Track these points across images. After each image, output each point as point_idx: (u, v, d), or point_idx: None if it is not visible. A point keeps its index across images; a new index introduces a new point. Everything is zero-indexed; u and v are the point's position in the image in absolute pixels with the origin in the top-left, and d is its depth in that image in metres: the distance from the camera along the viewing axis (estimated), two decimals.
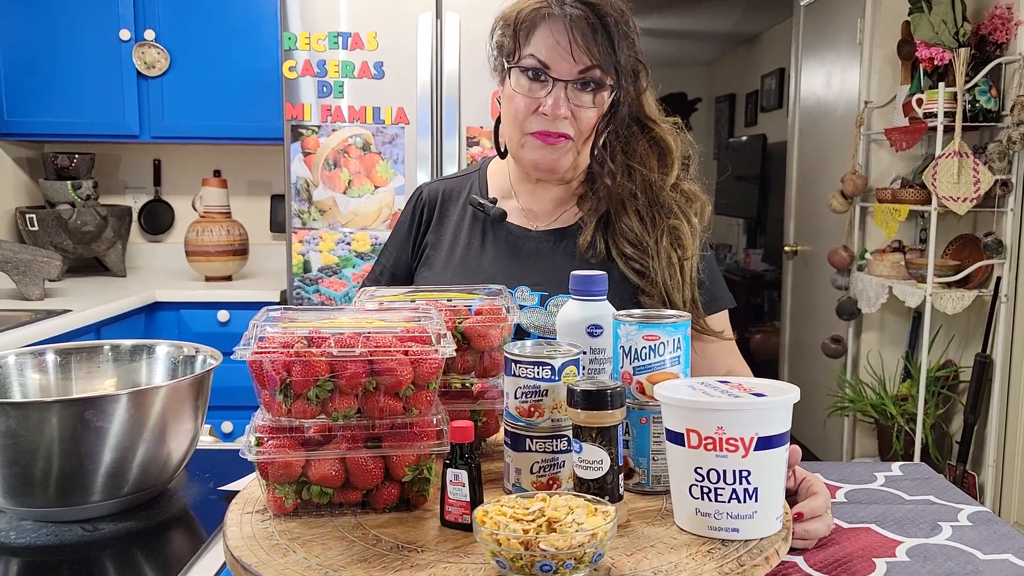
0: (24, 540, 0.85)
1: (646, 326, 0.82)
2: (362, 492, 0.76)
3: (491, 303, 0.93)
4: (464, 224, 1.16)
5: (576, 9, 0.99)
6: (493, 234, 1.14)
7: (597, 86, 1.02)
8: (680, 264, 1.06)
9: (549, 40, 1.00)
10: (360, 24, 2.33)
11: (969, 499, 0.97)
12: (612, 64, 1.00)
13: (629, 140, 1.11)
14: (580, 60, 1.00)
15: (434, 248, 1.17)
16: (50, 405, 0.85)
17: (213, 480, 1.00)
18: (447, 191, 1.20)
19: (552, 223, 1.13)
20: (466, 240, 1.14)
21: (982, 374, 2.80)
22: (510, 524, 0.62)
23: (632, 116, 1.10)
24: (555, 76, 1.01)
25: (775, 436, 0.71)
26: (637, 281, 1.07)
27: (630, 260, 1.07)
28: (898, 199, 2.93)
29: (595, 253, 1.08)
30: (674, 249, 1.07)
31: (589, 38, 0.99)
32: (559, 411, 0.80)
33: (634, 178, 1.08)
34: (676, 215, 1.08)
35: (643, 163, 1.10)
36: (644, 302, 1.06)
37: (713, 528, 0.72)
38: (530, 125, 1.04)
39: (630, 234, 1.07)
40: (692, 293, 1.07)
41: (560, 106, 1.01)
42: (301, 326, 0.78)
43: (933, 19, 2.69)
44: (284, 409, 0.73)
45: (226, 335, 2.50)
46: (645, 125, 1.11)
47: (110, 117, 2.71)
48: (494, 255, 1.12)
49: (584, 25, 0.98)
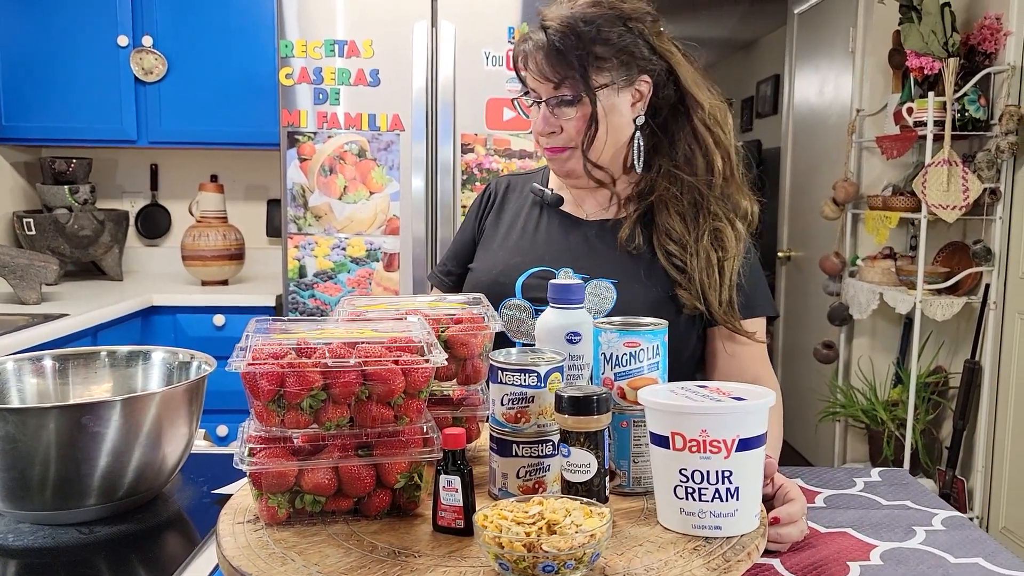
0: (21, 542, 0.87)
1: (627, 333, 0.85)
2: (354, 500, 0.78)
3: (471, 312, 0.95)
4: (523, 210, 1.25)
5: (539, 36, 1.09)
6: (547, 219, 1.22)
7: (572, 99, 1.10)
8: (720, 265, 1.09)
9: (530, 69, 1.11)
10: (356, 32, 2.35)
11: (944, 504, 0.99)
12: (571, 76, 1.08)
13: (671, 142, 1.15)
14: (545, 81, 1.10)
15: (492, 231, 1.26)
16: (48, 411, 0.88)
17: (207, 484, 1.03)
18: (512, 183, 1.31)
19: (600, 215, 1.20)
20: (523, 223, 1.23)
21: (971, 380, 2.83)
22: (512, 527, 0.65)
23: (677, 103, 1.14)
24: (537, 99, 1.12)
25: (754, 437, 0.74)
26: (676, 276, 1.10)
27: (672, 256, 1.11)
28: (889, 206, 2.96)
29: (636, 246, 1.13)
30: (714, 249, 1.10)
31: (547, 61, 1.08)
32: (544, 417, 0.82)
33: (676, 181, 1.13)
34: (721, 219, 1.12)
35: (687, 166, 1.13)
36: (680, 296, 1.09)
37: (697, 526, 0.74)
38: (541, 140, 1.16)
39: (673, 232, 1.12)
40: (730, 294, 1.10)
41: (545, 124, 1.11)
42: (291, 337, 0.80)
43: (923, 29, 2.72)
44: (277, 419, 0.75)
45: (222, 339, 2.52)
46: (688, 117, 1.14)
47: (108, 122, 2.73)
48: (546, 238, 1.20)
49: (539, 52, 1.09)
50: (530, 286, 1.15)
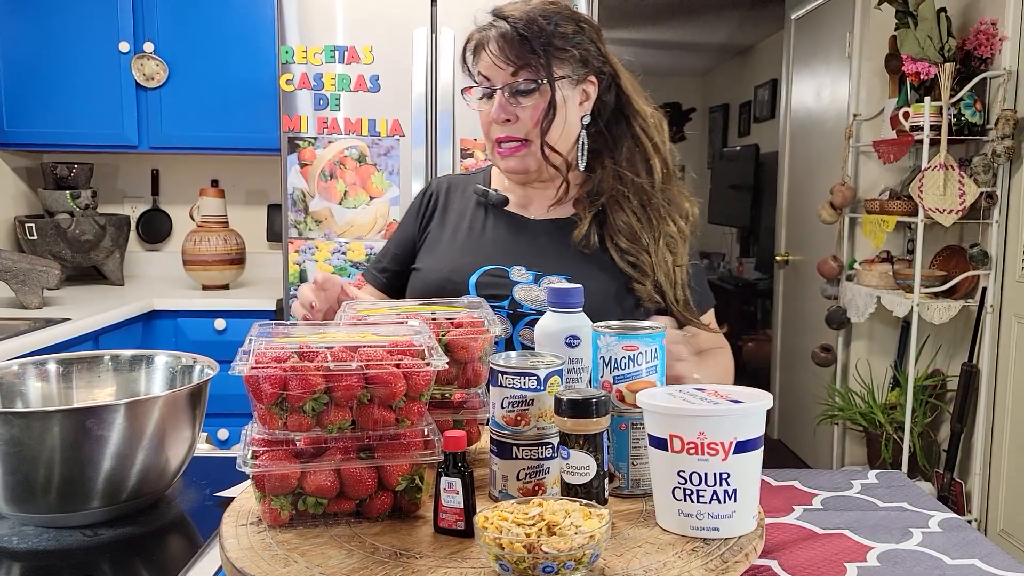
0: (26, 545, 0.88)
1: (625, 337, 0.86)
2: (356, 502, 0.79)
3: (472, 316, 0.96)
4: (468, 211, 1.27)
5: (498, 27, 1.13)
6: (494, 220, 1.24)
7: (529, 86, 1.13)
8: (674, 269, 1.17)
9: (485, 58, 1.15)
10: (356, 38, 2.37)
11: (941, 506, 1.00)
12: (536, 64, 1.12)
13: (616, 142, 1.21)
14: (507, 67, 1.13)
15: (437, 235, 1.27)
16: (52, 414, 0.88)
17: (209, 487, 1.03)
18: (453, 183, 1.32)
19: (547, 215, 1.23)
20: (468, 224, 1.25)
21: (969, 383, 2.84)
22: (512, 528, 0.66)
23: (617, 110, 1.21)
24: (494, 86, 1.15)
25: (751, 440, 0.75)
26: (631, 272, 1.16)
27: (625, 253, 1.17)
28: (886, 210, 2.98)
29: (588, 244, 1.18)
30: (670, 253, 1.18)
31: (511, 47, 1.12)
32: (544, 419, 0.83)
33: (624, 181, 1.19)
34: (667, 220, 1.19)
35: (630, 167, 1.19)
36: (638, 290, 1.15)
37: (695, 528, 0.75)
38: (492, 133, 1.18)
39: (625, 230, 1.17)
40: (684, 294, 1.18)
41: (501, 111, 1.14)
42: (293, 340, 0.81)
43: (919, 34, 2.74)
44: (280, 422, 0.76)
45: (223, 343, 2.53)
46: (629, 121, 1.21)
47: (109, 128, 2.74)
48: (494, 238, 1.22)
49: (502, 39, 1.12)
50: (484, 284, 1.18)
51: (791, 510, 0.98)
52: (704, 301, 1.24)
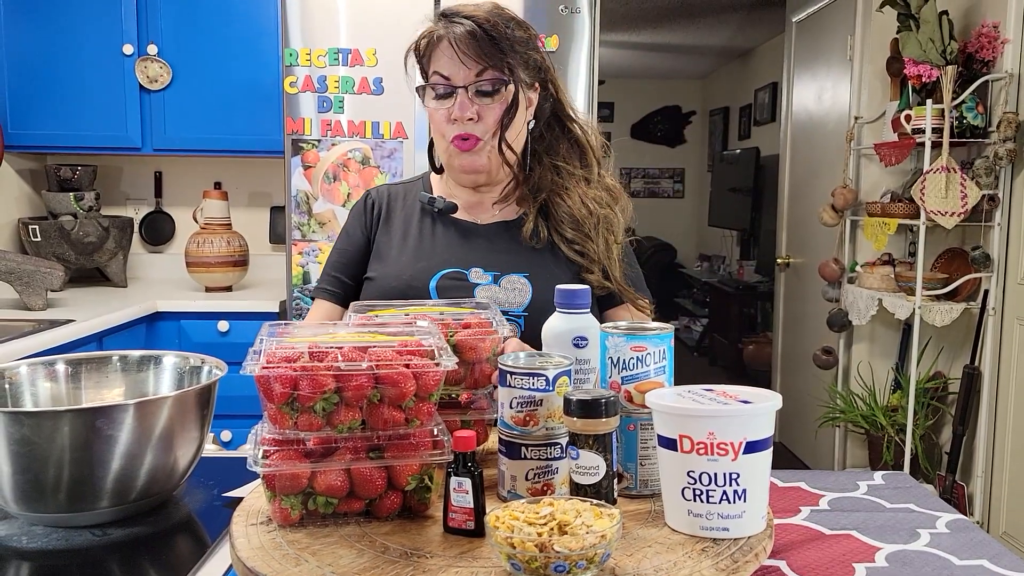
0: (35, 544, 0.88)
1: (634, 338, 0.87)
2: (365, 502, 0.79)
3: (480, 317, 0.97)
4: (414, 219, 1.28)
5: (460, 25, 1.13)
6: (443, 226, 1.26)
7: (495, 86, 1.15)
8: (612, 247, 1.23)
9: (445, 57, 1.15)
10: (360, 41, 2.37)
11: (948, 507, 1.00)
12: (503, 64, 1.14)
13: (552, 143, 1.26)
14: (473, 66, 1.14)
15: (385, 243, 1.28)
16: (62, 414, 0.89)
17: (217, 487, 1.04)
18: (393, 193, 1.33)
19: (495, 218, 1.27)
20: (417, 231, 1.26)
21: (971, 386, 2.85)
22: (524, 528, 0.66)
23: (553, 114, 1.25)
24: (456, 85, 1.15)
25: (761, 440, 0.76)
26: (579, 260, 1.21)
27: (572, 243, 1.21)
28: (887, 213, 2.98)
29: (539, 240, 1.22)
30: (609, 232, 1.23)
31: (476, 46, 1.13)
32: (553, 420, 0.84)
33: (561, 173, 1.24)
34: (605, 206, 1.24)
35: (567, 161, 1.25)
36: (587, 279, 1.20)
37: (705, 528, 0.76)
38: (449, 132, 1.18)
39: (569, 220, 1.22)
40: (623, 271, 1.24)
41: (465, 109, 1.14)
42: (303, 340, 0.81)
43: (921, 37, 2.75)
44: (290, 422, 0.77)
45: (226, 345, 2.53)
46: (565, 125, 1.27)
47: (113, 130, 2.75)
48: (446, 242, 1.24)
49: (469, 37, 1.13)
50: (445, 287, 1.20)
51: (798, 511, 0.98)
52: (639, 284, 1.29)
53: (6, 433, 0.85)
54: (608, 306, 1.27)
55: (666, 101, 7.42)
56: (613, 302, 1.26)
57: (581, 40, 2.39)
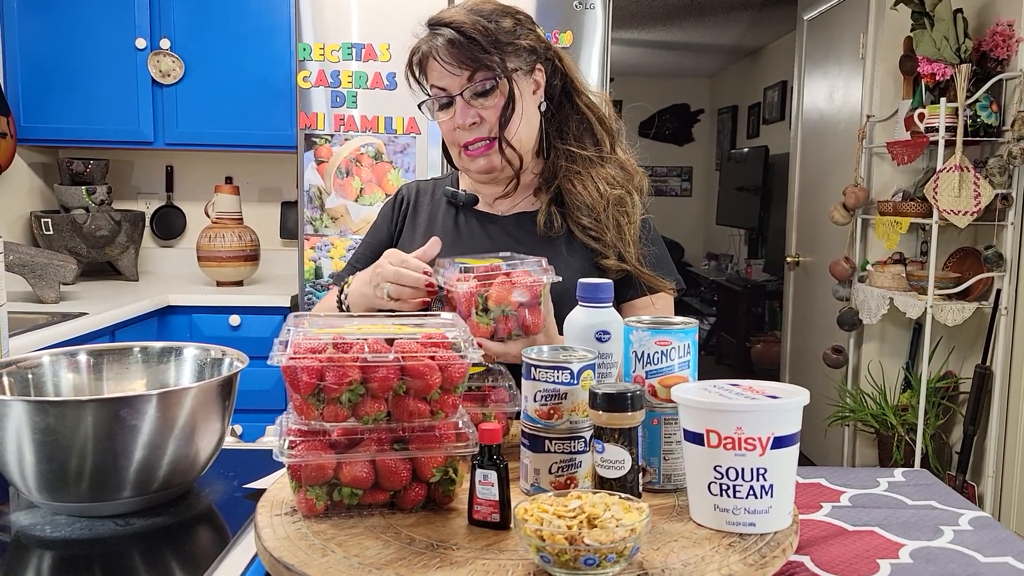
0: (59, 534, 0.88)
1: (658, 332, 0.86)
2: (390, 493, 0.79)
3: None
4: (438, 212, 1.30)
5: (439, 35, 1.13)
6: (464, 218, 1.28)
7: (487, 86, 1.15)
8: (628, 228, 1.21)
9: (436, 68, 1.15)
10: (373, 35, 2.37)
11: (970, 504, 1.00)
12: (489, 62, 1.13)
13: (562, 124, 1.25)
14: (462, 72, 1.14)
15: (409, 233, 1.30)
16: (86, 404, 0.89)
17: (237, 478, 1.04)
18: (422, 188, 1.35)
19: (513, 210, 1.27)
20: (441, 224, 1.28)
21: (982, 385, 2.84)
22: (553, 521, 0.66)
23: (563, 90, 1.24)
24: (452, 93, 1.15)
25: (789, 435, 0.75)
26: (596, 247, 1.20)
27: (587, 230, 1.20)
28: (899, 212, 2.97)
29: (555, 229, 1.22)
30: (621, 215, 1.21)
31: (459, 53, 1.12)
32: (577, 413, 0.84)
33: (574, 158, 1.23)
34: (617, 185, 1.22)
35: (578, 143, 1.23)
36: (604, 264, 1.19)
37: (731, 523, 0.75)
38: (459, 139, 1.19)
39: (583, 207, 1.20)
40: (637, 253, 1.20)
41: (466, 115, 1.15)
42: (328, 332, 0.81)
43: (935, 35, 2.73)
44: (316, 413, 0.77)
45: (238, 339, 2.53)
46: (573, 100, 1.24)
47: (125, 124, 2.76)
48: (468, 234, 1.26)
49: (450, 45, 1.12)
50: None
51: (819, 507, 0.98)
52: (665, 268, 1.24)
53: (31, 422, 0.85)
54: (625, 297, 1.20)
55: (674, 99, 7.41)
56: (630, 292, 1.20)
57: (594, 36, 2.39)
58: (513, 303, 1.00)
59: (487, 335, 1.00)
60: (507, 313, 1.00)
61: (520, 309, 1.01)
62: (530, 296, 1.01)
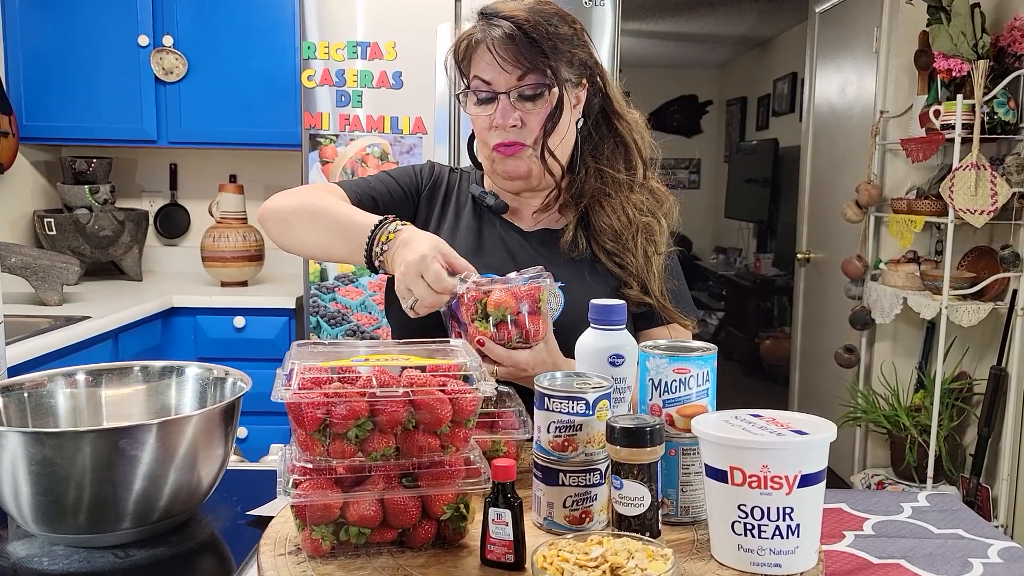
0: (57, 566, 0.86)
1: (676, 359, 0.83)
2: (398, 531, 0.76)
3: None
4: (463, 212, 1.24)
5: (498, 27, 1.08)
6: (489, 226, 1.22)
7: (537, 90, 1.10)
8: (652, 258, 1.16)
9: (484, 61, 1.10)
10: (379, 34, 2.33)
11: (998, 534, 0.96)
12: (545, 66, 1.09)
13: (597, 144, 1.20)
14: (513, 70, 1.09)
15: (426, 211, 1.24)
16: (84, 434, 0.86)
17: (240, 504, 1.01)
18: (451, 178, 1.29)
19: (537, 225, 1.22)
20: (466, 225, 1.22)
21: (997, 387, 2.79)
22: (575, 572, 0.62)
23: (601, 111, 1.19)
24: (497, 90, 1.10)
25: (816, 472, 0.72)
26: (620, 274, 1.15)
27: (612, 255, 1.16)
28: (914, 210, 2.92)
29: (578, 252, 1.17)
30: (648, 243, 1.16)
31: (516, 49, 1.07)
32: (592, 445, 0.80)
33: (605, 179, 1.18)
34: (647, 213, 1.17)
35: (611, 165, 1.19)
36: (626, 294, 1.14)
37: (756, 564, 0.72)
38: (492, 139, 1.13)
39: (609, 231, 1.16)
40: (662, 286, 1.16)
41: (508, 115, 1.10)
42: (334, 363, 0.78)
43: (952, 30, 2.67)
44: (322, 449, 0.73)
45: (242, 341, 2.51)
46: (612, 123, 1.20)
47: (128, 122, 2.72)
48: (491, 244, 1.20)
49: (508, 39, 1.07)
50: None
51: (842, 536, 0.95)
52: (683, 298, 1.20)
53: (27, 454, 0.82)
54: (645, 326, 1.17)
55: (682, 90, 7.33)
56: (651, 322, 1.17)
57: (604, 31, 2.34)
58: (513, 308, 0.97)
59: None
60: (507, 319, 0.97)
61: (520, 316, 0.98)
62: (529, 302, 0.98)
